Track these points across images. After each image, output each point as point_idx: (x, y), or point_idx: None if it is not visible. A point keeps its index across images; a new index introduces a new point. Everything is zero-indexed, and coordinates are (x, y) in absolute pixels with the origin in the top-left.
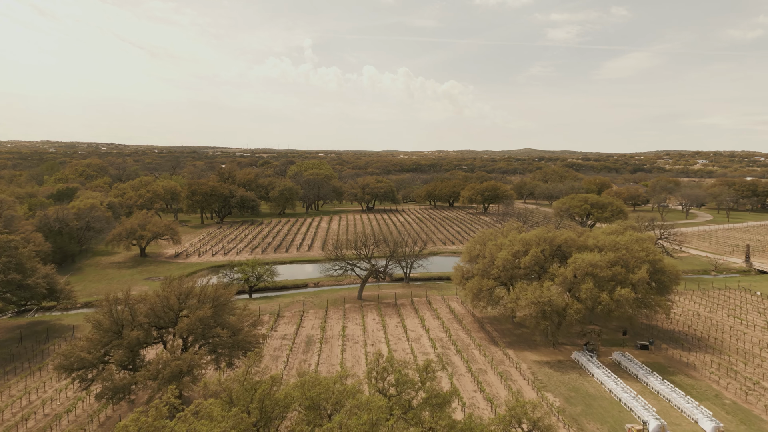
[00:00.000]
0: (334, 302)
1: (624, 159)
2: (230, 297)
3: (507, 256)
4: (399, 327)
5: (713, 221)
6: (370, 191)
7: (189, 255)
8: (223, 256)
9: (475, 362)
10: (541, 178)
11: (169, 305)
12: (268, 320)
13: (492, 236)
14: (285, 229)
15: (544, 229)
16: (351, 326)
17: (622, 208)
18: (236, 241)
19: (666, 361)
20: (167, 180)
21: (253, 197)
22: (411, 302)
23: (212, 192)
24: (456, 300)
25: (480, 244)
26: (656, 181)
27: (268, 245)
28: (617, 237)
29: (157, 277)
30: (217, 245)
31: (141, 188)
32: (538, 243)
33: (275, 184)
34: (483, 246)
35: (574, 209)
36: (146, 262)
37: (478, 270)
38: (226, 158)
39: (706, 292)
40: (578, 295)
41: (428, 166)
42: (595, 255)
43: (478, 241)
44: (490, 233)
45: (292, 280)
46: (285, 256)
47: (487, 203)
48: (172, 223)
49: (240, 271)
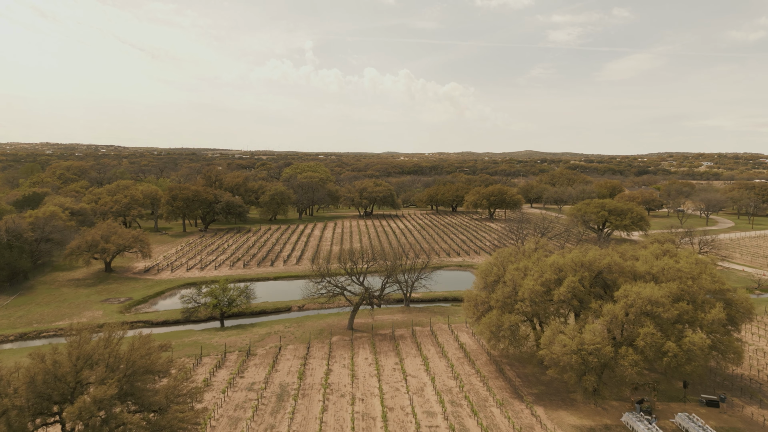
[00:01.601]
0: (319, 333)
1: (627, 161)
2: (158, 358)
3: (536, 286)
4: (397, 371)
5: (736, 228)
6: (368, 195)
7: (161, 270)
8: (199, 271)
9: (497, 429)
10: (548, 181)
11: (58, 375)
12: (236, 360)
13: (512, 256)
14: (274, 237)
15: (580, 251)
16: (337, 369)
17: (642, 215)
18: (217, 252)
19: (745, 425)
20: (147, 184)
21: (240, 203)
22: (412, 333)
23: (195, 197)
24: (466, 330)
25: (498, 266)
26: (670, 184)
27: (252, 257)
28: (675, 261)
29: (117, 299)
30: (195, 258)
31: (118, 193)
32: (575, 269)
33: (266, 188)
34: (501, 269)
35: (589, 216)
36: (110, 279)
37: (496, 301)
38: (225, 160)
39: (761, 319)
40: (635, 342)
41: (429, 168)
42: (651, 287)
43: (495, 262)
44: (509, 253)
45: (273, 303)
46: (270, 271)
47: (493, 208)
48: (142, 234)
49: (209, 294)
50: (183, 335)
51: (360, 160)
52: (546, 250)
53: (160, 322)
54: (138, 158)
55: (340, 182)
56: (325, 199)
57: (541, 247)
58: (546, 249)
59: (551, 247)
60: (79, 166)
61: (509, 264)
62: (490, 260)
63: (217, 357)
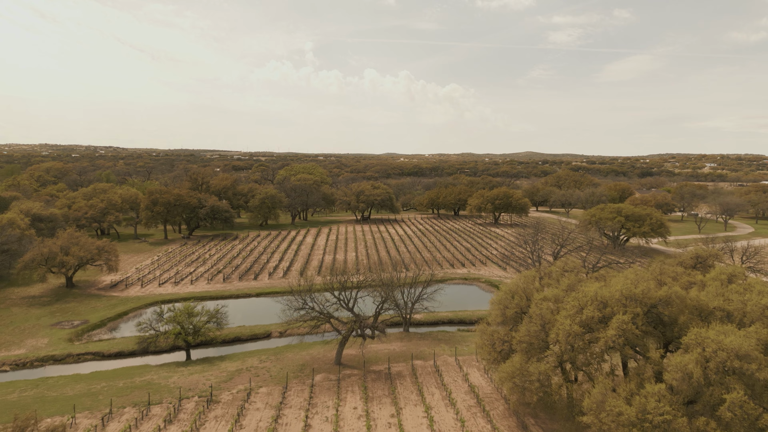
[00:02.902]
0: (300, 370)
1: (630, 162)
2: None
3: (573, 326)
4: (393, 427)
5: (757, 233)
6: (365, 199)
7: (130, 284)
8: (172, 286)
9: None
10: (554, 183)
11: None
12: (192, 411)
13: (535, 281)
14: (262, 245)
15: (628, 278)
16: (318, 425)
17: (662, 221)
18: (197, 263)
19: None
20: (128, 187)
21: (226, 207)
22: (412, 370)
23: (177, 202)
24: (476, 365)
25: (519, 295)
26: (681, 186)
27: (234, 269)
28: (759, 295)
29: (70, 322)
30: (170, 270)
31: (94, 197)
32: (624, 304)
33: (256, 191)
34: (524, 298)
35: (604, 222)
36: (69, 297)
37: (520, 342)
38: (223, 161)
39: None
40: (718, 412)
41: (429, 169)
42: (734, 333)
43: (515, 289)
44: (531, 278)
45: (250, 328)
46: (252, 286)
47: (498, 212)
48: (109, 244)
49: (172, 320)
50: (136, 372)
51: (359, 162)
52: (577, 273)
53: (113, 353)
54: (135, 159)
55: (337, 184)
56: (320, 202)
57: (571, 270)
58: (578, 271)
59: (574, 264)
60: (61, 168)
61: (534, 292)
62: (509, 286)
63: (170, 406)
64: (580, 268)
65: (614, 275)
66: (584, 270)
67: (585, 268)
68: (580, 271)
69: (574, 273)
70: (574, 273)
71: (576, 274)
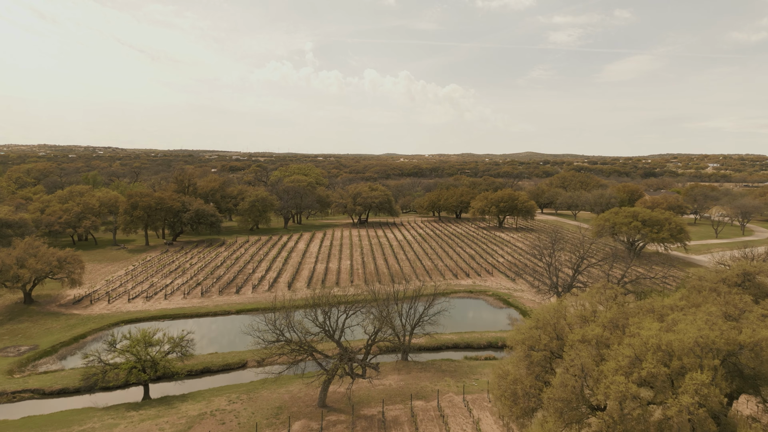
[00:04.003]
0: (275, 415)
1: (632, 162)
2: None
3: (629, 387)
4: None
5: None
6: (362, 201)
7: (96, 300)
8: (143, 302)
9: None
10: (560, 184)
11: None
12: None
13: (563, 314)
14: (250, 252)
15: (697, 318)
16: None
17: (682, 226)
18: (176, 273)
19: None
20: (107, 190)
21: (212, 211)
22: (411, 415)
23: (158, 205)
24: (488, 407)
25: (548, 332)
26: (692, 187)
27: (215, 281)
28: None
29: (17, 348)
30: (144, 282)
31: (70, 200)
32: (699, 356)
33: (246, 193)
34: (554, 336)
35: (620, 227)
36: (25, 315)
37: (551, 400)
38: (222, 162)
39: None
40: None
41: (429, 170)
42: None
43: (542, 324)
44: (561, 311)
45: (222, 357)
46: (232, 301)
47: (502, 215)
48: (72, 255)
49: (126, 351)
50: (75, 419)
51: (359, 162)
52: (620, 300)
53: (56, 390)
54: (132, 160)
55: (334, 186)
56: (314, 205)
57: (616, 300)
58: (614, 295)
59: (614, 291)
60: (42, 169)
61: (566, 329)
62: (534, 320)
63: None
64: (619, 293)
65: (666, 305)
66: (618, 290)
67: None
68: (619, 296)
69: (615, 300)
70: (615, 300)
71: (619, 303)
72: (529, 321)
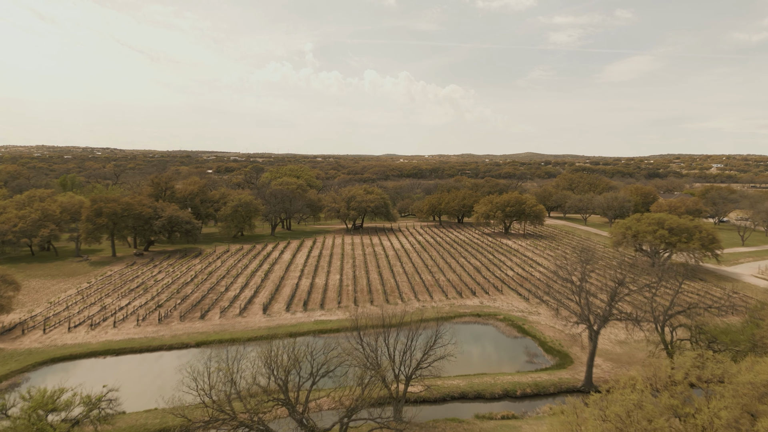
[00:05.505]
0: None
1: (635, 163)
2: None
3: None
4: None
5: None
6: (356, 206)
7: (30, 329)
8: (86, 332)
9: None
10: (567, 186)
11: None
12: None
13: (624, 401)
14: (227, 264)
15: None
16: None
17: (714, 234)
18: (136, 292)
19: None
20: (71, 194)
21: (188, 217)
22: None
23: (125, 211)
24: None
25: None
26: (708, 189)
27: (180, 302)
28: None
29: None
30: (95, 304)
31: (28, 206)
32: None
33: (228, 197)
34: None
35: (643, 236)
36: None
37: None
38: (219, 162)
39: None
40: None
41: (429, 170)
42: None
43: (590, 421)
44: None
45: (157, 424)
46: (194, 329)
47: (509, 220)
48: (2, 275)
49: (19, 419)
50: None
51: (358, 162)
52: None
53: None
54: (128, 161)
55: (328, 188)
56: (304, 210)
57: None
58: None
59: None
60: (13, 171)
61: None
62: (571, 416)
63: None
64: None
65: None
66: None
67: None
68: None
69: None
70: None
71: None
72: (568, 413)
